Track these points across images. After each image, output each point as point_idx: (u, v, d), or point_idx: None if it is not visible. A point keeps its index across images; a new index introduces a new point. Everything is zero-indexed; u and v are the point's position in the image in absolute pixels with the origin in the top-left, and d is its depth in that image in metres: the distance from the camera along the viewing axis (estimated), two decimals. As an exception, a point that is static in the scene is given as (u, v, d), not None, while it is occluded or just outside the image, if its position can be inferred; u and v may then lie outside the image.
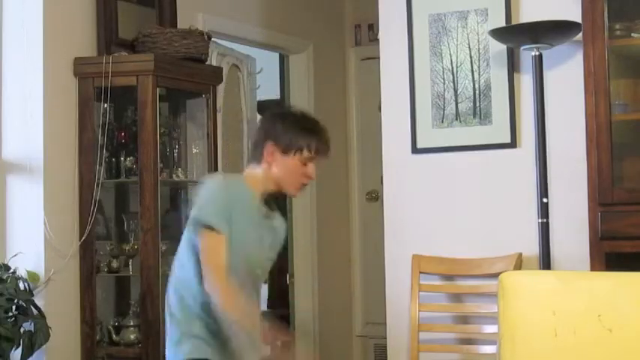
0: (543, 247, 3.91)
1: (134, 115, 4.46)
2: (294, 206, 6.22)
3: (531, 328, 2.62)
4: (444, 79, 4.27)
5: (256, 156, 3.20)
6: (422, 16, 4.31)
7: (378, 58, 4.49)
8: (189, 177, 4.81)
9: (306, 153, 3.15)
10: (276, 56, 6.54)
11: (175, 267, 3.18)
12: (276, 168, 3.16)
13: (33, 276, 4.12)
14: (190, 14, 5.08)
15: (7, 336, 3.82)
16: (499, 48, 4.15)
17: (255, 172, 3.19)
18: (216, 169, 4.82)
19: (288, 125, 3.16)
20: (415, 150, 4.32)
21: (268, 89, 6.54)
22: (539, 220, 3.93)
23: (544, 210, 3.92)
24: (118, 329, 4.43)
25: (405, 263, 4.24)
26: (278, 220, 3.33)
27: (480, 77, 4.21)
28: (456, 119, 4.25)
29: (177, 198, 4.89)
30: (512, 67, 4.16)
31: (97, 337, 4.38)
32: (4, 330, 3.81)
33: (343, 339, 6.47)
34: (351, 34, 6.65)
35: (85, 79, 4.38)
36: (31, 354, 3.91)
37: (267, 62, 6.24)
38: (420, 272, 4.20)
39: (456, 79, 4.25)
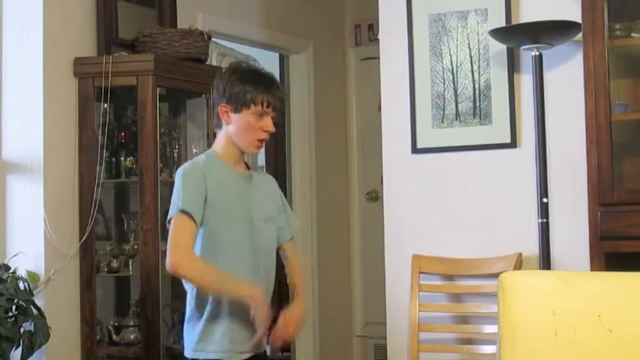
0: (543, 247, 3.91)
1: (134, 115, 4.46)
2: (295, 206, 6.22)
3: (531, 328, 2.62)
4: (444, 79, 4.27)
5: (216, 121, 3.25)
6: (422, 16, 4.31)
7: (378, 58, 4.49)
8: (189, 177, 4.80)
9: (254, 107, 3.15)
10: (276, 56, 6.54)
11: None
12: (232, 127, 3.19)
13: (33, 276, 4.12)
14: (190, 14, 5.08)
15: (7, 336, 3.82)
16: (499, 48, 4.15)
17: (219, 140, 3.25)
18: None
19: (235, 82, 3.18)
20: (415, 150, 4.32)
21: (268, 89, 6.53)
22: (539, 220, 3.93)
23: (544, 210, 3.92)
24: (118, 329, 4.43)
25: (405, 263, 4.24)
26: (261, 176, 3.38)
27: (479, 77, 4.21)
28: (456, 119, 4.25)
29: (177, 198, 4.88)
30: (512, 67, 4.16)
31: (97, 337, 4.38)
32: (4, 330, 3.81)
33: (343, 339, 6.47)
34: (351, 34, 6.65)
35: (85, 79, 4.38)
36: (31, 354, 3.91)
37: (267, 62, 6.23)
38: (420, 272, 4.20)
39: (456, 79, 4.25)
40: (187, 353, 3.19)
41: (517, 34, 3.98)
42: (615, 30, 3.78)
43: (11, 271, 4.04)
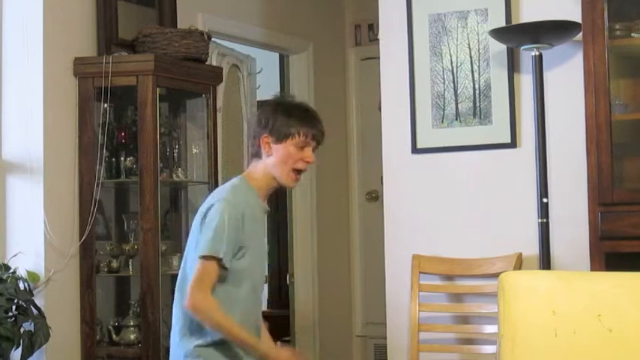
0: (543, 247, 3.91)
1: (134, 115, 4.46)
2: (295, 206, 6.22)
3: (531, 328, 2.62)
4: (444, 79, 4.27)
5: (254, 151, 3.25)
6: (422, 16, 4.31)
7: (378, 58, 4.49)
8: (189, 177, 4.81)
9: (298, 138, 3.18)
10: (276, 56, 6.54)
11: (182, 265, 3.22)
12: (273, 158, 3.19)
13: (33, 276, 4.12)
14: (190, 14, 5.08)
15: (7, 336, 3.82)
16: (499, 48, 4.15)
17: (256, 169, 3.24)
18: (216, 169, 4.82)
19: (280, 114, 3.20)
20: (415, 150, 4.32)
21: (268, 89, 6.51)
22: (539, 220, 3.93)
23: (544, 210, 3.92)
24: (118, 329, 4.43)
25: (405, 263, 4.24)
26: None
27: (480, 77, 4.21)
28: (456, 119, 4.25)
29: (177, 198, 4.89)
30: (512, 67, 4.16)
31: (97, 337, 4.38)
32: (4, 330, 3.81)
33: (343, 339, 6.47)
34: (351, 34, 6.65)
35: (85, 79, 4.38)
36: (31, 354, 3.91)
37: (267, 62, 6.24)
38: (420, 272, 4.20)
39: (456, 79, 4.25)
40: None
41: (517, 34, 3.98)
42: (615, 30, 3.78)
43: (11, 271, 4.04)
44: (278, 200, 6.44)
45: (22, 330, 3.92)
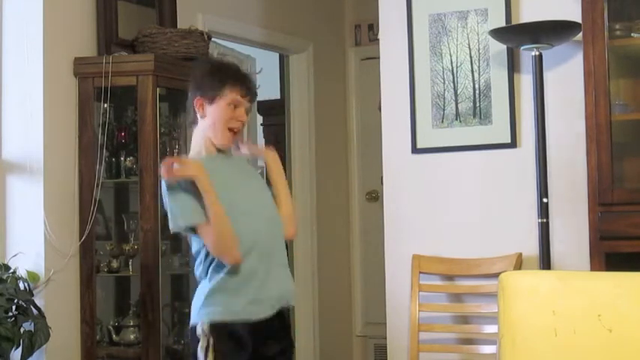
0: (543, 247, 3.91)
1: (134, 115, 4.46)
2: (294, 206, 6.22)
3: (531, 328, 2.62)
4: (444, 79, 4.27)
5: (191, 118, 3.31)
6: (422, 16, 4.31)
7: (378, 58, 4.49)
8: (189, 177, 4.80)
9: (230, 96, 3.21)
10: (276, 56, 6.54)
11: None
12: (208, 120, 3.24)
13: (33, 276, 4.12)
14: (190, 14, 5.08)
15: (7, 336, 3.82)
16: (499, 48, 4.15)
17: (196, 135, 3.29)
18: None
19: (210, 75, 3.25)
20: (415, 150, 4.32)
21: (268, 89, 6.54)
22: (539, 220, 3.93)
23: (544, 210, 3.92)
24: (118, 329, 4.43)
25: (405, 263, 4.24)
26: (243, 160, 3.41)
27: (480, 77, 4.21)
28: (456, 119, 4.25)
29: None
30: (512, 67, 4.16)
31: (97, 337, 4.38)
32: (4, 330, 3.81)
33: (343, 339, 6.47)
34: (351, 34, 6.65)
35: (85, 79, 4.38)
36: (31, 354, 3.91)
37: (267, 62, 6.24)
38: (420, 272, 4.20)
39: (456, 79, 4.25)
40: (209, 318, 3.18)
41: (517, 34, 3.98)
42: (615, 30, 3.78)
43: (11, 271, 4.04)
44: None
45: (22, 330, 3.92)
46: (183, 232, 3.19)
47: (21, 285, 4.04)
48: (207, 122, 3.23)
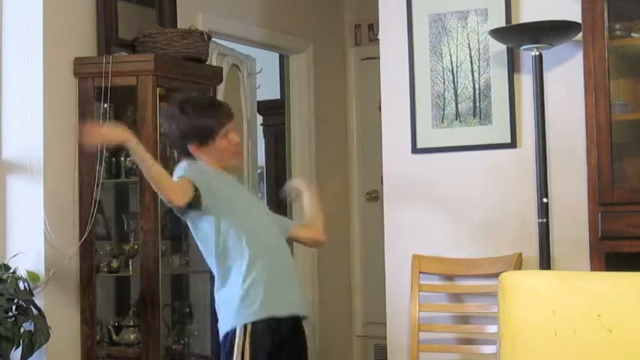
0: (543, 247, 3.91)
1: (134, 115, 4.45)
2: (294, 206, 6.22)
3: (531, 328, 2.62)
4: (444, 79, 4.27)
5: (187, 155, 3.45)
6: (422, 16, 4.31)
7: (378, 58, 4.49)
8: (189, 177, 4.80)
9: (222, 131, 3.40)
10: (276, 56, 6.54)
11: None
12: (210, 158, 3.42)
13: (33, 276, 4.12)
14: (190, 14, 5.08)
15: (7, 336, 3.82)
16: (499, 48, 4.15)
17: (197, 165, 3.44)
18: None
19: (192, 118, 3.40)
20: (415, 150, 4.32)
21: (268, 89, 6.54)
22: (539, 220, 3.93)
23: (544, 210, 3.92)
24: (118, 329, 4.43)
25: (405, 263, 4.24)
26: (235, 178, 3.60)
27: (480, 77, 4.21)
28: (456, 119, 4.25)
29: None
30: (512, 67, 4.16)
31: (97, 337, 4.38)
32: (4, 330, 3.82)
33: (343, 339, 6.47)
34: (351, 34, 6.65)
35: (85, 79, 4.38)
36: (31, 354, 3.91)
37: (267, 62, 6.24)
38: (420, 272, 4.20)
39: (456, 79, 4.25)
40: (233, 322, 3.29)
41: (517, 34, 3.98)
42: (615, 30, 3.78)
43: (11, 271, 4.04)
44: (278, 200, 6.44)
45: (22, 330, 3.92)
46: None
47: (21, 285, 4.04)
48: (209, 159, 3.41)
